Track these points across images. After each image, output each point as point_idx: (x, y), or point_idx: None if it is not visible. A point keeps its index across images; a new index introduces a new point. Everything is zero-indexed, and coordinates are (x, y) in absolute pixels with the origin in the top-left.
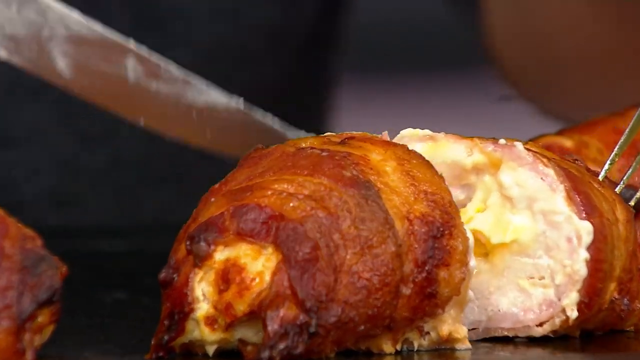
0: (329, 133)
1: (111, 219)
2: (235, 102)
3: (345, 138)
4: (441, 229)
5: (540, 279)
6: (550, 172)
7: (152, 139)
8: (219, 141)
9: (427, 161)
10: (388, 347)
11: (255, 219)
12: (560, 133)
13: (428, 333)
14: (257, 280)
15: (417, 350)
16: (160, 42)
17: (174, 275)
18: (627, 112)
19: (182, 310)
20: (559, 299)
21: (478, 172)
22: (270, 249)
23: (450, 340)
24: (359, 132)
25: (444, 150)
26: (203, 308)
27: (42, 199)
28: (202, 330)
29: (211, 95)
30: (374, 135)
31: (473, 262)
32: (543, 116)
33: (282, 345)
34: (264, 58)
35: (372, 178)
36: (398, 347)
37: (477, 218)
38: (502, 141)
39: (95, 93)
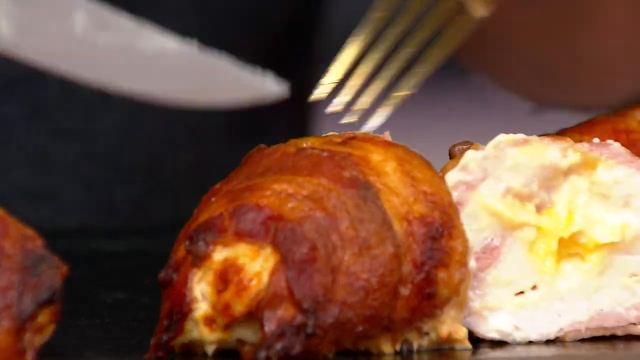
0: (331, 133)
1: (88, 214)
2: (189, 45)
3: (347, 138)
4: (440, 230)
5: None
6: None
7: (126, 130)
8: (171, 88)
9: (427, 162)
10: (387, 348)
11: (254, 219)
12: (560, 133)
13: (427, 333)
14: (255, 280)
15: (418, 351)
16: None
17: (174, 275)
18: (627, 112)
19: (181, 310)
20: None
21: (566, 173)
22: (268, 250)
23: (450, 340)
24: (361, 132)
25: (540, 153)
26: (202, 308)
27: (15, 195)
28: (200, 330)
29: (161, 41)
30: (376, 135)
31: (473, 263)
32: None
33: (279, 346)
34: (237, 47)
35: (371, 179)
36: (397, 347)
37: (571, 219)
38: (595, 140)
39: (41, 54)
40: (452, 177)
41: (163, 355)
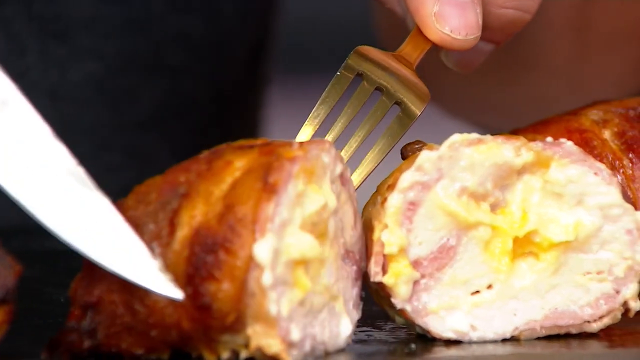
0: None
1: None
2: None
3: (253, 144)
4: (218, 243)
5: (598, 274)
6: (602, 166)
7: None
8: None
9: (262, 175)
10: (209, 355)
11: None
12: (513, 132)
13: (247, 346)
14: None
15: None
16: (67, 53)
17: None
18: (580, 111)
19: None
20: (617, 292)
21: (520, 172)
22: None
23: (266, 354)
24: (281, 141)
25: (494, 151)
26: None
27: None
28: None
29: None
30: (279, 141)
31: (267, 278)
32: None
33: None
34: (183, 69)
35: (203, 186)
36: (224, 355)
37: (526, 218)
38: (548, 139)
39: None
40: (408, 177)
41: None
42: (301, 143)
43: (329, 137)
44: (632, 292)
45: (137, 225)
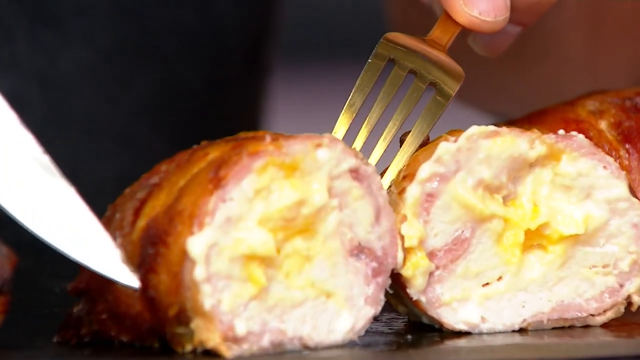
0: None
1: None
2: None
3: (238, 137)
4: (158, 236)
5: (603, 267)
6: (611, 160)
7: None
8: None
9: (214, 169)
10: (175, 346)
11: None
12: (510, 123)
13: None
14: None
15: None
16: (57, 40)
17: None
18: (576, 102)
19: None
20: (621, 286)
21: (532, 165)
22: None
23: (207, 348)
24: (258, 132)
25: (511, 144)
26: None
27: None
28: None
29: None
30: (261, 135)
31: (200, 273)
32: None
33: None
34: (178, 58)
35: (175, 177)
36: (188, 347)
37: (537, 211)
38: (561, 132)
39: None
40: (427, 168)
41: None
42: (276, 138)
43: (366, 125)
44: (636, 286)
45: (111, 215)
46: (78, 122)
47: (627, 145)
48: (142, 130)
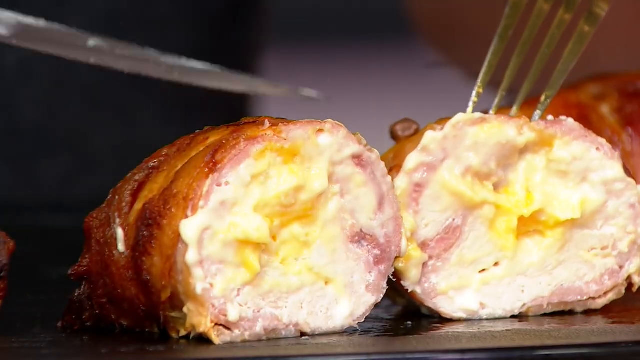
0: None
1: (7, 190)
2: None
3: (239, 123)
4: (153, 218)
5: (602, 249)
6: (604, 140)
7: (49, 105)
8: None
9: (211, 153)
10: (169, 331)
11: None
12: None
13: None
14: None
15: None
16: (48, 8)
17: None
18: (578, 86)
19: None
20: (621, 267)
21: (522, 151)
22: None
23: (197, 333)
24: (264, 117)
25: (498, 130)
26: None
27: None
28: None
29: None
30: (261, 119)
31: (192, 256)
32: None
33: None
34: (172, 25)
35: (174, 160)
36: (183, 332)
37: (531, 198)
38: (549, 117)
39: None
40: (413, 158)
41: None
42: (276, 123)
43: (516, 56)
44: (636, 266)
45: (112, 198)
46: (76, 92)
47: (629, 130)
48: (137, 100)
